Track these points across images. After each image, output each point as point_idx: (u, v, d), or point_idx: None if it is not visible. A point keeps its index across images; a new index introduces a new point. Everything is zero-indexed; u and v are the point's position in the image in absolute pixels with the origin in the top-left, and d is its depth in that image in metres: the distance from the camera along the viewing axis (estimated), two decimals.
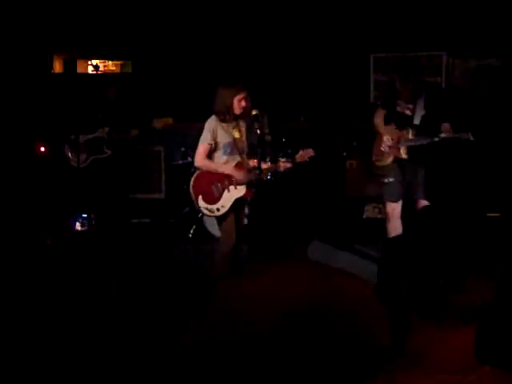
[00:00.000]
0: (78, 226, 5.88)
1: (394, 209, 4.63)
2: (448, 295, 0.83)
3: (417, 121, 4.72)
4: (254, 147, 4.63)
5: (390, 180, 4.71)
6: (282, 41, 7.12)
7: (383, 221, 5.11)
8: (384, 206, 4.82)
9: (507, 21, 6.60)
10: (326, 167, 6.75)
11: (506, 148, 6.44)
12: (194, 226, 6.20)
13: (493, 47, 6.85)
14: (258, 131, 4.45)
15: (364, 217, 6.87)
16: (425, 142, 4.65)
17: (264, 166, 4.59)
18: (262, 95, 4.48)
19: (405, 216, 4.57)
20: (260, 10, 7.05)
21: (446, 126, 4.68)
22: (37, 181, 6.34)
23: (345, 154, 7.09)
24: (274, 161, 5.00)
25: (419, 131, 4.69)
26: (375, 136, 4.93)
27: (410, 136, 4.72)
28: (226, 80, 4.49)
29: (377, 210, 6.85)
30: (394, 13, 6.96)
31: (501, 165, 6.40)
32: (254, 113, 4.40)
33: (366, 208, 6.91)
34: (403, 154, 4.72)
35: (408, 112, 4.79)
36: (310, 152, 4.59)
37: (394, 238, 4.49)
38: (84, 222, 5.87)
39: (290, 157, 4.73)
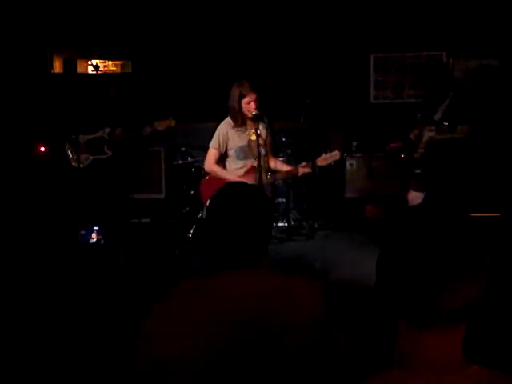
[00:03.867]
0: (89, 239, 5.75)
1: (416, 198, 4.92)
2: (438, 296, 0.82)
3: (437, 116, 4.79)
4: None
5: (417, 171, 4.95)
6: (281, 41, 7.11)
7: (383, 221, 5.13)
8: (407, 195, 5.06)
9: (507, 21, 6.60)
10: (326, 167, 6.74)
11: (506, 148, 6.44)
12: (193, 226, 6.20)
13: (493, 47, 6.84)
14: (258, 131, 4.41)
15: (364, 217, 6.88)
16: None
17: (284, 168, 4.49)
18: (262, 95, 4.44)
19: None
20: (260, 10, 7.04)
21: (463, 127, 4.74)
22: (37, 181, 6.33)
23: (345, 154, 7.09)
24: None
25: (437, 128, 4.78)
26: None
27: (428, 132, 4.79)
28: (237, 79, 4.34)
29: (377, 209, 6.85)
30: (394, 13, 6.96)
31: (501, 164, 6.40)
32: (254, 113, 4.35)
33: (366, 208, 6.92)
34: (422, 148, 4.82)
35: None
36: (335, 156, 4.39)
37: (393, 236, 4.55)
38: (96, 234, 5.76)
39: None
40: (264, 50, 7.11)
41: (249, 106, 4.20)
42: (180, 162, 6.82)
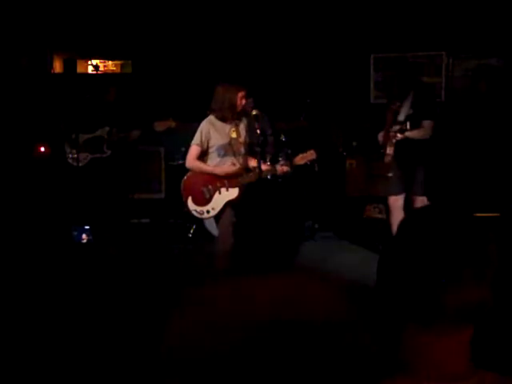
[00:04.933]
0: (81, 239, 5.73)
1: (395, 201, 4.89)
2: (440, 297, 0.79)
3: (401, 117, 4.79)
4: (254, 147, 4.61)
5: (390, 175, 4.93)
6: (281, 41, 7.11)
7: (383, 221, 5.11)
8: (387, 200, 5.02)
9: (507, 21, 6.60)
10: (326, 167, 6.75)
11: (506, 148, 6.44)
12: (193, 226, 6.20)
13: (493, 47, 6.84)
14: (258, 131, 4.43)
15: (364, 217, 6.88)
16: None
17: (262, 167, 4.56)
18: (263, 95, 4.47)
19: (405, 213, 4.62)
20: (260, 10, 7.04)
21: (426, 123, 4.75)
22: (36, 181, 6.33)
23: (345, 153, 7.09)
24: (274, 161, 4.98)
25: (401, 128, 4.77)
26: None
27: (394, 132, 4.79)
28: (228, 78, 4.49)
29: (377, 209, 6.85)
30: (394, 13, 6.96)
31: (501, 164, 6.41)
32: (254, 113, 4.38)
33: (366, 208, 6.92)
34: (389, 150, 4.80)
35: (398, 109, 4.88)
36: (311, 155, 4.51)
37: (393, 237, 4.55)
38: (87, 233, 5.74)
39: (289, 159, 4.71)
40: (264, 51, 7.12)
41: (242, 100, 4.38)
42: (180, 162, 6.81)
